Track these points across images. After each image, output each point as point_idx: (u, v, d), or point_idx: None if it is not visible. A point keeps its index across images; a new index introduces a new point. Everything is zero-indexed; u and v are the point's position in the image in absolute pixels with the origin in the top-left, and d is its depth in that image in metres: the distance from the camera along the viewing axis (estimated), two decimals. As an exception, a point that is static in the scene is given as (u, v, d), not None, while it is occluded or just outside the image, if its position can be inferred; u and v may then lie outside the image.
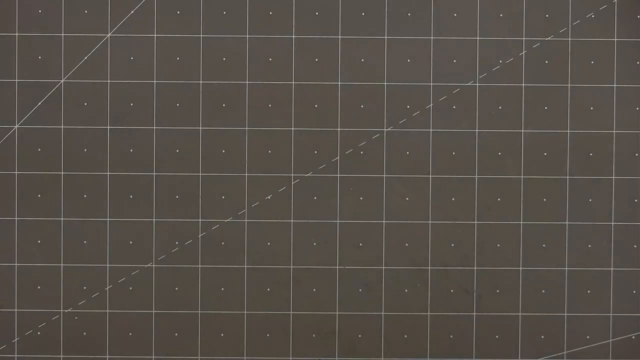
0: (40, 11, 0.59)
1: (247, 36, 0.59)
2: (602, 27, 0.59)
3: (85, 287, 0.59)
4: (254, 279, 0.59)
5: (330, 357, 0.59)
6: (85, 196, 0.59)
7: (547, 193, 0.60)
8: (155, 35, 0.59)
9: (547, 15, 0.59)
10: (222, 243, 0.59)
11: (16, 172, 0.59)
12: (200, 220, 0.59)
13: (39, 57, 0.59)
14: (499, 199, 0.60)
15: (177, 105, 0.59)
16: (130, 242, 0.59)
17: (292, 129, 0.59)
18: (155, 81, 0.59)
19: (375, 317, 0.59)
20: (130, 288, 0.59)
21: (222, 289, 0.59)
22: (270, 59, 0.59)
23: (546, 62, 0.59)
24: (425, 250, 0.59)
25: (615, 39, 0.59)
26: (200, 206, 0.59)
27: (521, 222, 0.60)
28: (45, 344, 0.59)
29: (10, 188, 0.59)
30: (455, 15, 0.59)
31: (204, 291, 0.59)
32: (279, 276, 0.60)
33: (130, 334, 0.59)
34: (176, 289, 0.59)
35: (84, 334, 0.59)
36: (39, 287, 0.58)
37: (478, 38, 0.59)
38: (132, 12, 0.59)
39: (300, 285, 0.59)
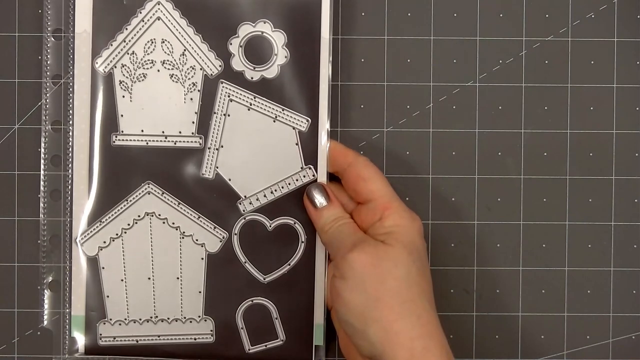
0: (40, 11, 0.59)
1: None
2: (602, 27, 0.59)
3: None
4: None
5: (330, 358, 0.59)
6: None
7: (547, 193, 0.60)
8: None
9: (547, 15, 0.59)
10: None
11: (16, 172, 0.59)
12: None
13: (39, 57, 0.59)
14: (499, 199, 0.60)
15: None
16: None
17: (292, 129, 0.59)
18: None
19: (375, 317, 0.59)
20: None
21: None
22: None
23: (546, 62, 0.59)
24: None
25: (615, 39, 0.59)
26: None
27: (521, 222, 0.60)
28: (45, 344, 0.59)
29: (11, 188, 0.59)
30: (455, 15, 0.59)
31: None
32: (279, 276, 0.60)
33: (130, 334, 0.59)
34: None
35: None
36: (39, 287, 0.58)
37: (478, 38, 0.59)
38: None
39: (300, 285, 0.59)
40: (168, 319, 0.56)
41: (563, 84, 0.60)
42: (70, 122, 0.56)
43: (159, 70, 0.56)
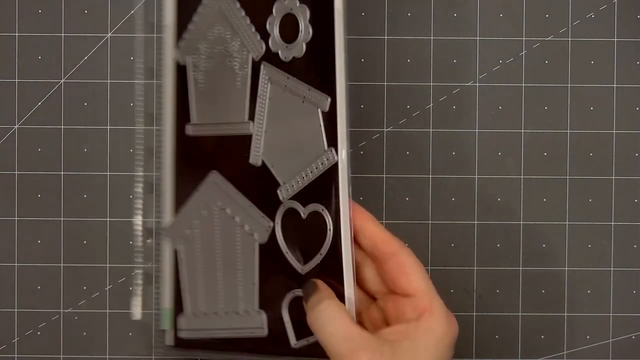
0: (40, 11, 0.59)
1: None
2: (602, 27, 0.59)
3: (85, 287, 0.59)
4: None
5: (330, 357, 0.59)
6: (85, 196, 0.59)
7: (547, 193, 0.60)
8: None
9: (547, 15, 0.60)
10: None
11: (16, 172, 0.59)
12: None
13: (39, 57, 0.59)
14: (499, 199, 0.60)
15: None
16: (130, 242, 0.59)
17: (292, 129, 0.59)
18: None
19: (375, 317, 0.59)
20: (130, 288, 0.59)
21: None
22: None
23: (546, 62, 0.59)
24: (425, 250, 0.59)
25: (615, 39, 0.59)
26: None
27: (521, 222, 0.60)
28: (45, 344, 0.59)
29: (11, 188, 0.59)
30: (455, 15, 0.59)
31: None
32: (279, 276, 0.60)
33: (130, 333, 0.59)
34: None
35: (84, 333, 0.59)
36: (39, 287, 0.58)
37: (478, 38, 0.59)
38: (132, 12, 0.59)
39: (300, 285, 0.59)
40: (232, 311, 0.55)
41: (563, 84, 0.60)
42: (160, 115, 0.56)
43: (222, 57, 0.55)
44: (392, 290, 0.51)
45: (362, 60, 0.59)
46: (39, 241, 0.59)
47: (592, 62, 0.59)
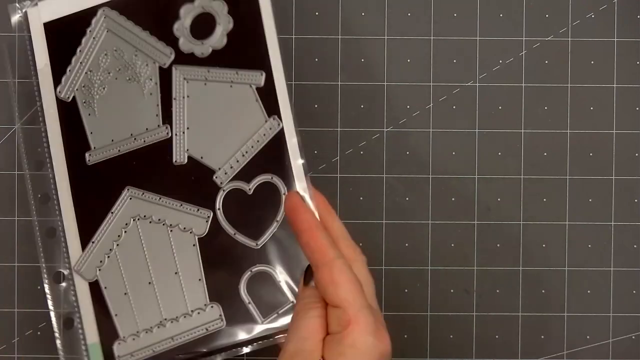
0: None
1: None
2: (602, 27, 0.59)
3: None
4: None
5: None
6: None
7: (547, 193, 0.60)
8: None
9: (547, 15, 0.60)
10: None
11: (16, 172, 0.59)
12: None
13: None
14: (499, 199, 0.60)
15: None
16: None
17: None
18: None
19: (375, 317, 0.59)
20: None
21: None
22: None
23: (546, 62, 0.60)
24: (425, 250, 0.59)
25: (615, 39, 0.59)
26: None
27: (521, 222, 0.60)
28: (45, 343, 0.59)
29: (11, 188, 0.59)
30: (455, 15, 0.59)
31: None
32: (279, 276, 0.60)
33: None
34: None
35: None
36: (39, 287, 0.58)
37: (478, 38, 0.59)
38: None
39: (300, 285, 0.59)
40: (177, 317, 0.56)
41: (563, 84, 0.60)
42: (48, 157, 0.56)
43: (116, 78, 0.56)
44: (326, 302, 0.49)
45: (362, 60, 0.59)
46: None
47: (592, 62, 0.59)
